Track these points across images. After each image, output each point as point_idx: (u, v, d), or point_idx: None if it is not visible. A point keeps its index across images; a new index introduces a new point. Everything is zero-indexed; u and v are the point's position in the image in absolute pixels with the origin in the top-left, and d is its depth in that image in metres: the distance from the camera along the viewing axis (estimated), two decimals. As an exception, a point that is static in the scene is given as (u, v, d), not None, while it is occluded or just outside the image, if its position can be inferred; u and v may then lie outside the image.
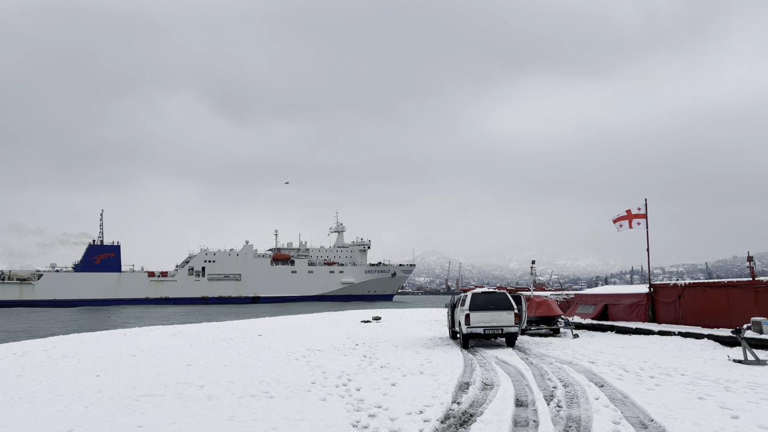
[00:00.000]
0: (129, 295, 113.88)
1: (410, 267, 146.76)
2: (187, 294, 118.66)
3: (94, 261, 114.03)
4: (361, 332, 25.49)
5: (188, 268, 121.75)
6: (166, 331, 26.98)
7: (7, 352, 18.81)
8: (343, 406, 9.77)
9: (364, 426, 8.43)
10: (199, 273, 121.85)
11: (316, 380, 12.41)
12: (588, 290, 35.65)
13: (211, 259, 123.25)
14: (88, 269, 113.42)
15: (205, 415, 9.12)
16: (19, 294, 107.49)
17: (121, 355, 17.68)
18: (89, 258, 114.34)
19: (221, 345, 20.43)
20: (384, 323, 31.79)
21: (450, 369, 13.96)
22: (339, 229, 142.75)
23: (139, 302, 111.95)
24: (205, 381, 12.40)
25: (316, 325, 30.22)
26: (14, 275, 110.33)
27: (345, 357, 16.53)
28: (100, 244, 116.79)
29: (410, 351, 17.98)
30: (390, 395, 10.65)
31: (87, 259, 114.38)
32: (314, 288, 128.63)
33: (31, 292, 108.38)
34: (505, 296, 19.70)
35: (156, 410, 9.55)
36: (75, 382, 12.61)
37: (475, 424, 8.43)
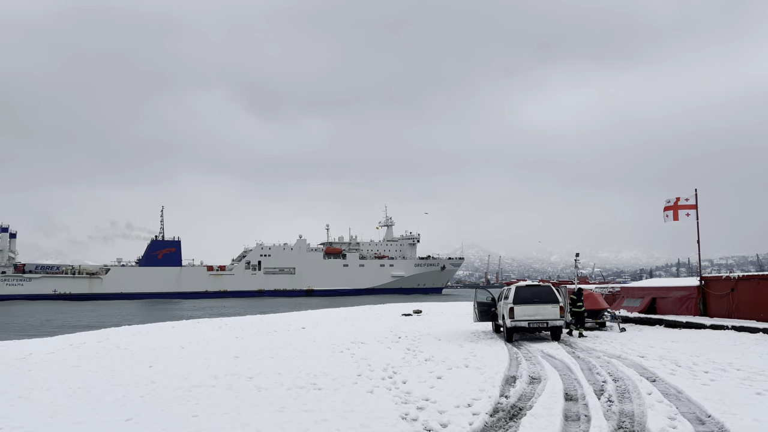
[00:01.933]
0: (189, 288, 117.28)
1: (459, 260, 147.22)
2: (244, 287, 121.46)
3: (156, 256, 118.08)
4: (403, 325, 25.54)
5: (245, 262, 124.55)
6: (212, 324, 27.58)
7: (64, 343, 19.53)
8: (391, 398, 9.82)
9: (413, 418, 8.46)
10: (255, 267, 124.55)
11: (362, 372, 12.50)
12: (634, 283, 34.86)
13: (267, 254, 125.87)
14: (151, 264, 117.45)
15: (256, 405, 9.30)
16: (89, 287, 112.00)
17: (171, 346, 18.16)
18: (152, 253, 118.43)
19: (266, 337, 20.77)
20: (425, 316, 31.77)
21: (495, 362, 13.87)
22: (388, 223, 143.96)
23: (199, 296, 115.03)
24: (253, 372, 12.64)
25: (358, 318, 30.42)
26: (84, 269, 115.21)
27: (389, 350, 16.60)
28: (161, 240, 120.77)
29: (454, 344, 17.93)
30: (437, 388, 10.66)
31: (150, 254, 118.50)
32: (365, 281, 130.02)
33: (99, 285, 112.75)
34: (549, 289, 19.43)
35: (209, 400, 9.78)
36: (130, 372, 13.02)
37: (525, 418, 8.36)
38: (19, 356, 16.30)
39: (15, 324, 45.15)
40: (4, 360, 15.58)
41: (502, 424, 8.30)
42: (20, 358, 15.88)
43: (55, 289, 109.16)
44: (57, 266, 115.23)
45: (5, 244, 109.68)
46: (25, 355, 16.59)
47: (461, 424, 8.06)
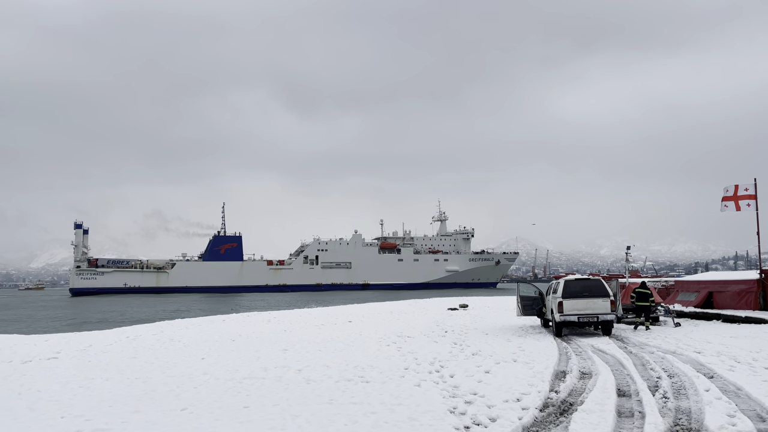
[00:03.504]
0: (250, 282, 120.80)
1: (514, 255, 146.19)
2: (303, 281, 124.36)
3: (219, 251, 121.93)
4: (449, 319, 25.44)
5: (303, 257, 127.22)
6: (261, 317, 28.12)
7: (121, 335, 20.27)
8: (438, 392, 9.80)
9: (461, 412, 8.42)
10: (312, 261, 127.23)
11: (409, 366, 12.52)
12: (689, 277, 33.71)
13: (324, 248, 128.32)
14: (213, 258, 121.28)
15: (305, 398, 9.43)
16: (156, 281, 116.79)
17: (222, 339, 18.60)
18: (215, 248, 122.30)
19: (314, 331, 21.04)
20: (471, 311, 31.55)
21: (544, 357, 13.66)
22: (441, 218, 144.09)
23: (259, 289, 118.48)
24: (302, 365, 12.82)
25: (404, 312, 30.45)
26: (151, 264, 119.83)
27: (435, 344, 16.57)
28: (223, 235, 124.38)
29: (501, 339, 17.75)
30: (485, 382, 10.58)
31: (212, 248, 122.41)
32: (420, 276, 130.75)
33: (166, 279, 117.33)
34: (600, 283, 18.99)
35: (259, 392, 9.98)
36: (183, 364, 13.40)
37: (576, 414, 8.21)
38: (80, 348, 17.01)
39: (94, 317, 47.16)
40: (67, 351, 16.28)
41: (553, 420, 8.17)
42: (81, 350, 16.56)
43: (126, 283, 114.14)
44: (127, 261, 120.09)
45: (80, 240, 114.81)
46: (86, 346, 17.30)
47: (510, 419, 7.97)
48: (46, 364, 13.92)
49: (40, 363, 14.20)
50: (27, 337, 19.88)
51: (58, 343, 18.04)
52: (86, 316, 47.94)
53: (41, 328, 36.46)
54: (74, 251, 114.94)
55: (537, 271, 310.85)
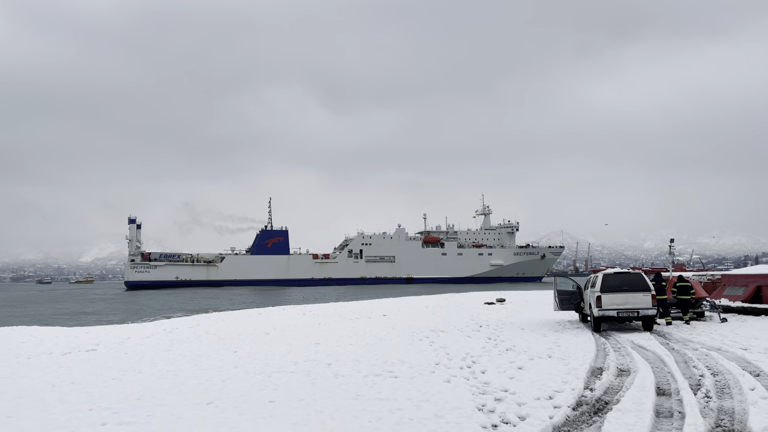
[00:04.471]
0: (296, 275, 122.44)
1: (559, 249, 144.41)
2: (347, 275, 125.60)
3: (266, 245, 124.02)
4: (485, 314, 25.06)
5: (347, 251, 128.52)
6: (296, 311, 28.27)
7: (158, 328, 20.63)
8: (468, 388, 9.55)
9: (490, 410, 8.16)
10: (357, 255, 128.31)
11: (440, 361, 12.29)
12: (736, 270, 32.39)
13: (368, 242, 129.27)
14: (261, 252, 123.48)
15: (331, 393, 9.32)
16: (206, 274, 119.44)
17: (256, 332, 18.72)
18: (262, 242, 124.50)
19: (348, 324, 20.99)
20: (508, 305, 31.05)
21: (581, 353, 13.24)
22: (485, 211, 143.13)
23: (305, 283, 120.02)
24: (332, 359, 12.74)
25: (439, 307, 30.18)
26: (201, 258, 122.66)
27: (469, 339, 16.28)
28: (270, 229, 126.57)
29: (537, 334, 17.34)
30: (517, 379, 10.28)
31: (260, 242, 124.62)
32: (464, 270, 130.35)
33: (215, 272, 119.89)
34: (640, 276, 18.36)
35: (286, 386, 9.92)
36: (215, 357, 13.49)
37: (611, 413, 7.86)
38: (118, 340, 17.35)
39: (150, 307, 48.45)
40: (105, 344, 16.63)
41: (586, 419, 7.84)
42: (119, 342, 16.89)
43: (177, 276, 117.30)
44: (178, 255, 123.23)
45: (134, 235, 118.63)
46: (124, 339, 17.64)
47: (541, 418, 7.68)
48: (84, 356, 14.23)
49: (78, 355, 14.52)
50: (69, 329, 20.42)
51: (98, 336, 18.46)
52: (146, 308, 49.24)
53: (104, 320, 37.54)
54: (128, 245, 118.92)
55: (578, 265, 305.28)
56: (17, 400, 8.96)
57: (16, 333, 18.77)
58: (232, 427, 7.28)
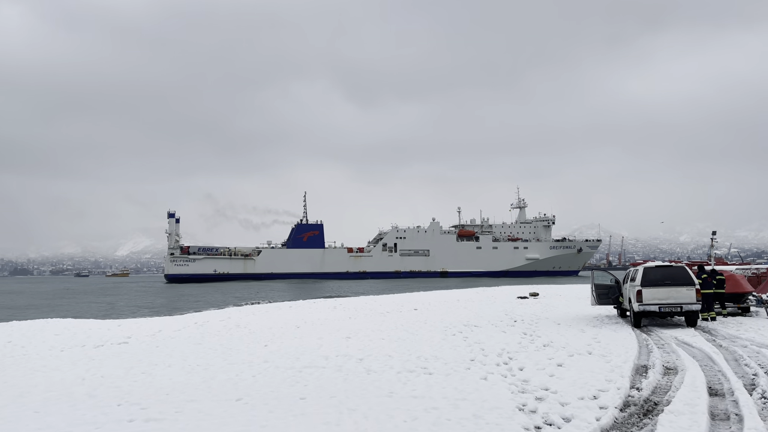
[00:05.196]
0: (332, 269, 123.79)
1: (596, 243, 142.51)
2: (382, 268, 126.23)
3: (301, 238, 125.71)
4: (519, 308, 24.49)
5: (382, 245, 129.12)
6: (327, 304, 28.11)
7: (190, 321, 20.63)
8: (506, 386, 9.12)
9: (531, 410, 7.72)
10: (391, 249, 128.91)
11: (475, 357, 11.88)
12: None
13: (402, 236, 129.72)
14: (296, 246, 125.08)
15: (364, 389, 8.99)
16: (244, 268, 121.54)
17: (287, 326, 18.54)
18: (297, 235, 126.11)
19: (378, 318, 20.69)
20: (542, 299, 30.38)
21: (623, 350, 12.66)
22: (520, 204, 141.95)
23: (340, 276, 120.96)
24: (364, 354, 12.42)
25: (471, 301, 29.67)
26: (239, 251, 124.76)
27: (504, 334, 15.81)
28: (305, 223, 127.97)
29: (574, 329, 16.76)
30: (557, 377, 9.80)
31: (295, 236, 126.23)
32: (499, 263, 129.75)
33: (252, 266, 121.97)
34: (684, 270, 17.60)
35: (318, 382, 9.63)
36: (246, 351, 13.30)
37: (663, 415, 7.35)
38: (150, 333, 17.36)
39: (197, 300, 49.10)
40: (137, 336, 16.65)
41: (635, 421, 7.35)
42: (150, 335, 16.89)
43: (215, 269, 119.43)
44: (216, 248, 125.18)
45: (173, 229, 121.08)
46: (155, 332, 17.64)
47: (587, 419, 7.22)
48: (116, 349, 14.21)
49: (110, 348, 14.52)
50: (102, 322, 20.58)
51: (130, 328, 18.51)
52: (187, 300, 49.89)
53: (147, 312, 38.06)
54: (168, 239, 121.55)
55: (611, 259, 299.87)
56: (46, 394, 8.85)
57: (50, 325, 18.97)
58: (262, 425, 7.00)
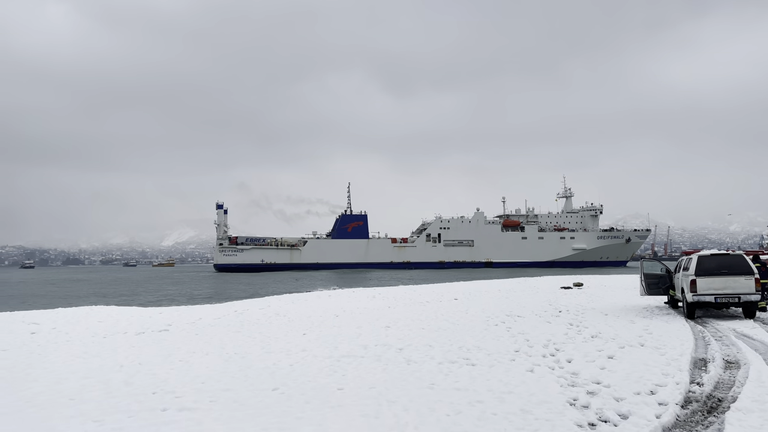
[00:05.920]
0: (376, 259, 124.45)
1: (645, 232, 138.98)
2: (426, 259, 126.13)
3: (346, 229, 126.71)
4: (563, 298, 23.74)
5: (425, 235, 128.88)
6: (366, 293, 27.87)
7: (230, 310, 20.65)
8: (555, 379, 8.62)
9: (583, 405, 7.21)
10: (435, 239, 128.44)
11: (520, 348, 11.37)
12: None
13: (446, 226, 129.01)
14: (341, 236, 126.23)
15: (404, 380, 8.62)
16: (290, 258, 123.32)
17: (325, 315, 18.34)
18: (342, 226, 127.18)
19: (418, 308, 20.31)
20: (586, 290, 29.45)
21: (677, 342, 11.96)
22: (567, 194, 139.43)
23: (384, 266, 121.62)
24: (403, 344, 12.06)
25: (513, 291, 28.99)
26: (285, 242, 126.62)
27: (548, 324, 15.23)
28: (350, 214, 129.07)
29: (623, 320, 16.03)
30: (609, 370, 9.23)
31: (340, 227, 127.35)
32: (545, 254, 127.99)
33: (298, 256, 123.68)
34: (742, 258, 16.61)
35: (356, 372, 9.31)
36: (284, 339, 13.10)
37: (730, 413, 6.74)
38: (190, 321, 17.38)
39: (238, 288, 49.88)
40: (177, 324, 16.68)
41: (700, 419, 6.76)
42: (190, 323, 16.90)
43: (263, 259, 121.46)
44: (263, 239, 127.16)
45: (222, 220, 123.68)
46: (195, 320, 17.67)
47: (646, 416, 6.67)
48: (156, 336, 14.21)
49: (151, 335, 14.54)
50: (144, 309, 20.79)
51: (171, 316, 18.61)
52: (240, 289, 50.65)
53: (194, 299, 38.73)
54: (216, 230, 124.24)
55: (657, 249, 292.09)
56: (83, 381, 8.78)
57: (95, 312, 19.24)
58: (297, 416, 6.70)
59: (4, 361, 10.71)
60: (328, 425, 6.37)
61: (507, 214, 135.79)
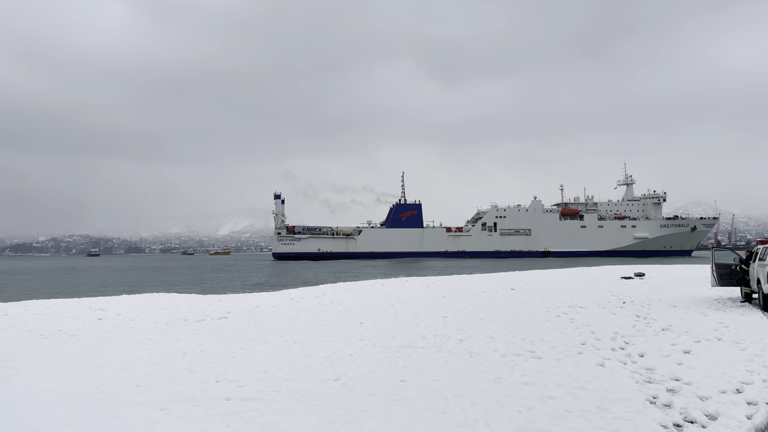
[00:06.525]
0: (430, 248, 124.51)
1: (712, 221, 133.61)
2: (481, 248, 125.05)
3: (400, 218, 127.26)
4: (625, 289, 22.87)
5: (481, 224, 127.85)
6: (420, 282, 27.61)
7: (286, 298, 20.79)
8: (628, 374, 8.15)
9: (664, 403, 6.75)
10: (491, 228, 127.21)
11: (587, 341, 10.89)
12: None
13: (502, 215, 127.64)
14: (396, 225, 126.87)
15: (468, 373, 8.33)
16: (345, 247, 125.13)
17: (380, 303, 18.21)
18: (396, 215, 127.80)
19: (474, 298, 19.93)
20: (649, 280, 28.33)
21: (757, 336, 11.23)
22: (628, 181, 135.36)
23: (439, 255, 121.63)
24: (463, 335, 11.76)
25: (571, 281, 28.16)
26: (340, 231, 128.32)
27: (613, 316, 14.61)
28: (404, 203, 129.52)
29: (694, 312, 15.23)
30: (687, 366, 8.68)
31: (394, 216, 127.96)
32: (605, 243, 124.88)
33: (354, 245, 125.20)
34: (826, 248, 15.49)
35: (417, 363, 9.07)
36: (341, 328, 13.01)
37: (832, 417, 6.16)
38: (248, 308, 17.57)
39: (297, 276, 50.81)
40: (236, 311, 16.88)
41: (797, 423, 6.21)
42: (248, 311, 17.07)
43: (319, 248, 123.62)
44: (319, 228, 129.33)
45: (279, 210, 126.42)
46: (253, 307, 17.84)
47: (736, 418, 6.18)
48: (216, 324, 14.39)
49: (211, 322, 14.73)
50: (204, 297, 21.15)
51: (229, 304, 18.86)
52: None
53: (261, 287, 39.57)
54: (275, 219, 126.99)
55: (720, 238, 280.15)
56: (149, 368, 8.88)
57: (157, 299, 19.70)
58: (362, 409, 6.51)
59: (73, 347, 11.00)
60: (395, 419, 6.15)
61: (565, 202, 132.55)
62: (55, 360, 9.66)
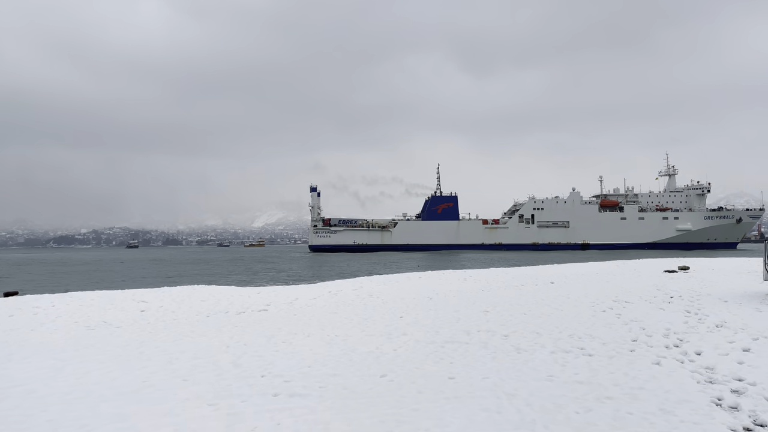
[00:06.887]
0: (466, 240, 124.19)
1: (759, 212, 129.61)
2: (518, 240, 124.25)
3: (436, 210, 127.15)
4: (671, 283, 22.15)
5: (518, 216, 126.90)
6: (457, 276, 27.31)
7: (323, 290, 20.77)
8: (688, 374, 7.79)
9: (731, 406, 6.40)
10: (528, 220, 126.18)
11: (638, 338, 10.51)
12: None
13: (539, 207, 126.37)
14: (431, 218, 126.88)
15: (518, 370, 8.08)
16: (381, 239, 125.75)
17: (419, 297, 18.01)
18: (432, 208, 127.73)
19: (514, 291, 19.56)
20: (694, 274, 27.39)
21: (821, 334, 10.65)
22: (670, 172, 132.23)
23: (475, 248, 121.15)
24: (507, 330, 11.49)
25: (612, 274, 27.46)
26: (376, 223, 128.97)
27: (662, 311, 14.12)
28: (440, 195, 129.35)
29: (747, 307, 14.60)
30: (749, 365, 8.26)
31: (430, 208, 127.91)
32: (646, 235, 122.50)
33: (389, 237, 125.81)
34: None
35: (464, 359, 8.86)
36: (381, 322, 12.87)
37: None
38: (287, 301, 17.59)
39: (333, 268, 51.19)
40: (275, 304, 16.90)
41: None
42: (288, 303, 17.09)
43: (355, 240, 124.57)
44: (355, 220, 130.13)
45: (315, 202, 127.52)
46: (292, 300, 17.86)
47: (812, 423, 5.80)
48: (256, 316, 14.42)
49: (251, 315, 14.78)
50: (243, 289, 21.30)
51: (268, 296, 18.93)
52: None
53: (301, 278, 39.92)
54: (311, 212, 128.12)
55: (764, 230, 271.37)
56: (194, 361, 8.87)
57: (197, 292, 19.90)
58: (413, 408, 6.35)
59: (119, 339, 11.11)
60: (449, 419, 5.97)
61: (604, 194, 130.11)
62: (102, 352, 9.76)
